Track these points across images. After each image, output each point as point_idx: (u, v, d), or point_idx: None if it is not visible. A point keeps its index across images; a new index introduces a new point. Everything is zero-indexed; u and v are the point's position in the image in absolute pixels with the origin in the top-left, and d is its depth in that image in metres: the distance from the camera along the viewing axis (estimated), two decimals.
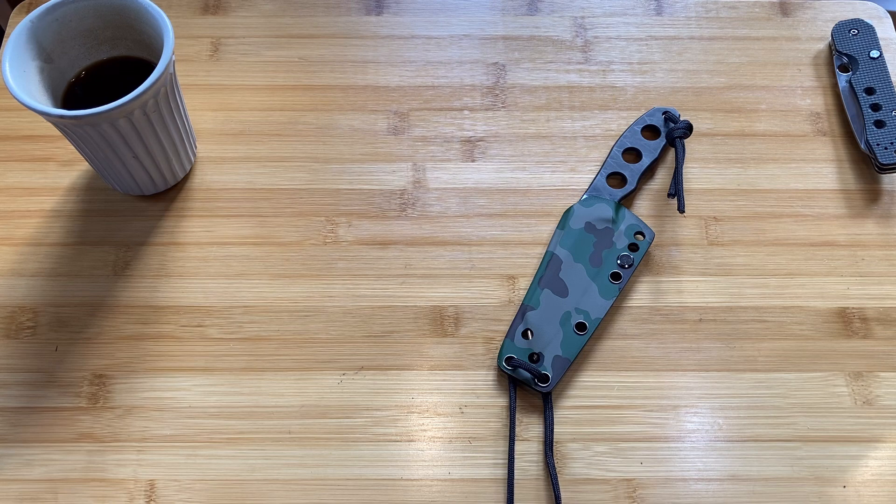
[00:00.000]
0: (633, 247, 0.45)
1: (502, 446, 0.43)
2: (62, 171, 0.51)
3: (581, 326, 0.44)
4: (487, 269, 0.48)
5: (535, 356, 0.44)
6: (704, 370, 0.45)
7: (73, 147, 0.49)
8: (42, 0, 0.58)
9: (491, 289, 0.47)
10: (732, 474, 0.42)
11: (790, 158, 0.52)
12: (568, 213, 0.46)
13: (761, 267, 0.48)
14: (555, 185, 0.51)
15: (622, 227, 0.45)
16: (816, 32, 0.57)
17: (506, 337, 0.44)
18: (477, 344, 0.46)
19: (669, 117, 0.50)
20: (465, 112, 0.54)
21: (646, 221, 0.49)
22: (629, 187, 0.48)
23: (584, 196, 0.47)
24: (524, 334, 0.44)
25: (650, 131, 0.51)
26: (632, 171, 0.49)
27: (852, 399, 0.44)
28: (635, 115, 0.54)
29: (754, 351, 0.46)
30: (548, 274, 0.45)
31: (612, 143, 0.49)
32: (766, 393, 0.45)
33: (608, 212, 0.46)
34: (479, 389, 0.45)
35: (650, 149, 0.49)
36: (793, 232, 0.50)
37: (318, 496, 0.42)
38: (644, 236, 0.46)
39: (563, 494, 0.41)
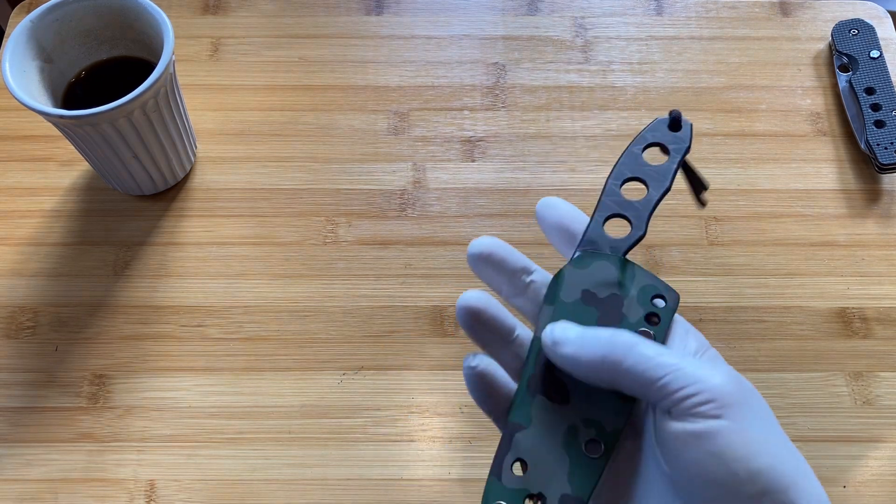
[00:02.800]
0: (652, 318, 0.30)
1: None
2: (62, 171, 0.51)
3: (593, 445, 0.29)
4: None
5: (535, 498, 0.29)
6: None
7: (73, 147, 0.49)
8: (42, 0, 0.58)
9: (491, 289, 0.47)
10: None
11: (790, 158, 0.52)
12: (557, 279, 0.31)
13: (761, 267, 0.48)
14: (555, 185, 0.51)
15: (633, 291, 0.31)
16: (816, 32, 0.57)
17: (490, 473, 0.29)
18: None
19: (675, 118, 0.33)
20: (465, 112, 0.54)
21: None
22: (636, 233, 0.32)
23: (576, 253, 0.32)
24: (516, 467, 0.29)
25: (653, 152, 0.34)
26: (637, 212, 0.33)
27: (852, 399, 0.44)
28: (635, 115, 0.54)
29: (754, 351, 0.46)
30: (539, 373, 0.30)
31: (607, 175, 0.33)
32: (766, 393, 0.44)
33: (612, 272, 0.31)
34: None
35: (658, 176, 0.33)
36: (793, 232, 0.50)
37: (318, 496, 0.42)
38: (666, 301, 0.31)
39: None
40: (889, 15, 0.58)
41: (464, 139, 0.53)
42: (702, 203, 0.33)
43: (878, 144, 0.50)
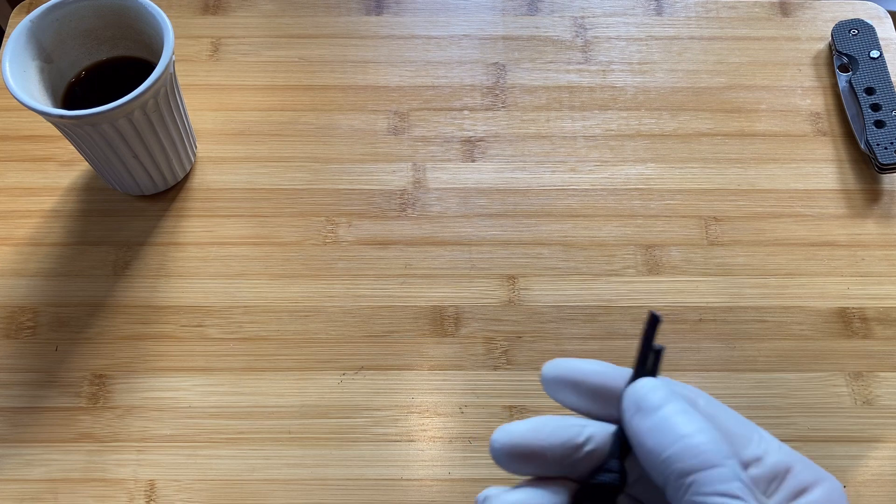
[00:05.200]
0: None
1: None
2: (62, 171, 0.51)
3: None
4: (487, 269, 0.48)
5: None
6: (704, 370, 0.45)
7: (73, 147, 0.49)
8: (42, 0, 0.58)
9: (491, 289, 0.47)
10: None
11: (790, 158, 0.52)
12: None
13: (761, 267, 0.48)
14: (555, 185, 0.51)
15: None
16: (816, 32, 0.57)
17: None
18: (477, 344, 0.46)
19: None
20: (465, 112, 0.54)
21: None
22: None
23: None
24: None
25: None
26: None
27: (852, 399, 0.44)
28: (635, 115, 0.54)
29: (754, 351, 0.46)
30: None
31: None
32: (766, 393, 0.45)
33: None
34: (479, 389, 0.45)
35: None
36: (793, 232, 0.50)
37: (318, 496, 0.42)
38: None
39: None
40: (889, 15, 0.58)
41: (464, 139, 0.53)
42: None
43: (878, 144, 0.50)
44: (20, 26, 0.43)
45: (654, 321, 0.24)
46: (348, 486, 0.42)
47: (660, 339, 0.46)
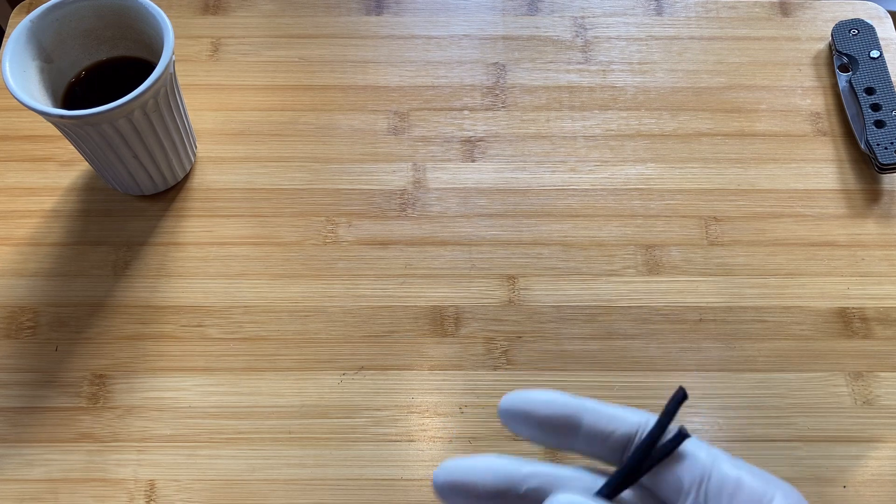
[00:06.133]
0: None
1: (502, 446, 0.43)
2: (62, 171, 0.51)
3: None
4: (487, 269, 0.48)
5: None
6: (704, 370, 0.45)
7: (73, 147, 0.49)
8: (42, 0, 0.58)
9: (491, 289, 0.47)
10: None
11: (790, 158, 0.52)
12: None
13: (761, 267, 0.48)
14: (555, 185, 0.51)
15: None
16: (816, 32, 0.57)
17: None
18: (477, 344, 0.46)
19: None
20: (465, 112, 0.54)
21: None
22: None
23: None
24: None
25: None
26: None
27: (852, 399, 0.44)
28: (635, 115, 0.54)
29: (754, 351, 0.46)
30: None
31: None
32: (766, 393, 0.45)
33: None
34: (479, 389, 0.45)
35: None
36: (793, 232, 0.50)
37: (318, 496, 0.42)
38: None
39: None
40: (889, 15, 0.58)
41: (464, 139, 0.53)
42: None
43: (878, 144, 0.50)
44: (20, 26, 0.43)
45: (681, 398, 0.26)
46: (348, 486, 0.42)
47: (660, 339, 0.46)
